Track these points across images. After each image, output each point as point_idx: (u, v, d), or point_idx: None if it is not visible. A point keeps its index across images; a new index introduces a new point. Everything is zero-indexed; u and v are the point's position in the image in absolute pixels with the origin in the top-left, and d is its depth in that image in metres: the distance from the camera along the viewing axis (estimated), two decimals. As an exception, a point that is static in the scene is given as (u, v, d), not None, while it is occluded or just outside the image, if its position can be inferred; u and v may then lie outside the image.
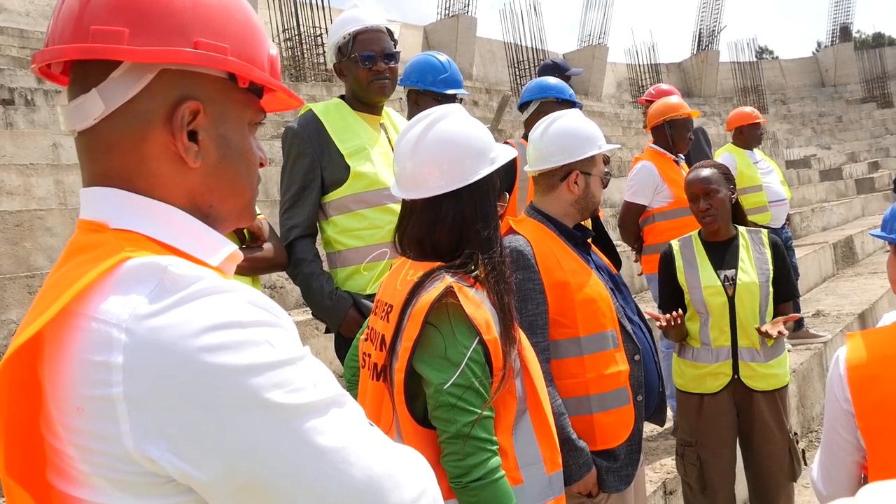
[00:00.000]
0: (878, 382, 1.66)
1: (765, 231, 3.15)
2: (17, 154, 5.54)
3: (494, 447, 1.64)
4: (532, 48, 19.77)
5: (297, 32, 14.85)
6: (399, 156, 1.82)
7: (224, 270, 0.90)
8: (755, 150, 5.87)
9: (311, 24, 14.99)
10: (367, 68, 2.60)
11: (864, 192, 14.93)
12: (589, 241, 2.42)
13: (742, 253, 3.05)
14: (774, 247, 3.08)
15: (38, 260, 4.17)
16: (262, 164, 0.98)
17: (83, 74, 0.87)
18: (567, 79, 4.08)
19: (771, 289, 3.01)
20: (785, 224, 5.78)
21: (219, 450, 0.74)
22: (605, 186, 2.40)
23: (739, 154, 5.71)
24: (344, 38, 2.63)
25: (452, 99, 2.97)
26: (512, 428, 1.72)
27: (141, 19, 0.84)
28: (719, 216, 3.04)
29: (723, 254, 3.07)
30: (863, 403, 1.67)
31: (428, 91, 2.99)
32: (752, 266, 3.02)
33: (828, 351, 5.58)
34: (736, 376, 2.98)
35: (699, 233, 3.16)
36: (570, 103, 3.60)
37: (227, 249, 0.92)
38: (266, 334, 0.78)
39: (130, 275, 0.78)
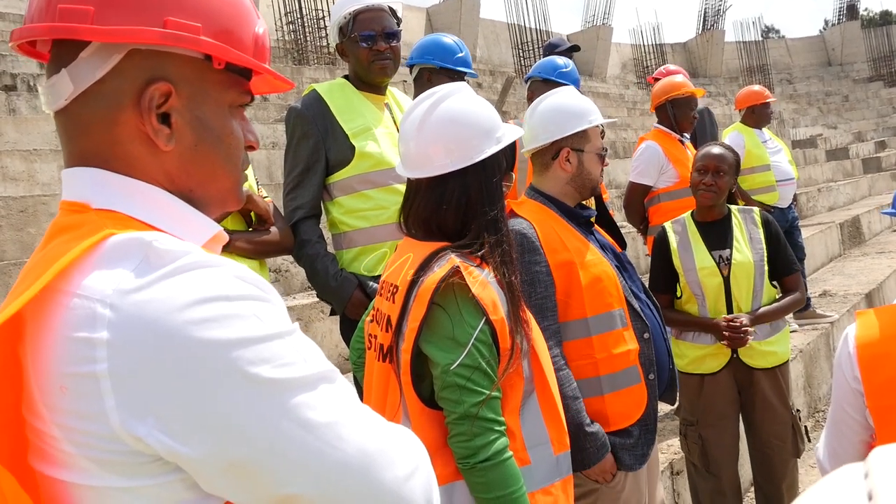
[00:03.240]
0: (888, 361, 1.63)
1: (756, 210, 3.13)
2: (21, 140, 5.53)
3: (502, 428, 1.63)
4: (536, 29, 19.64)
5: (299, 16, 14.80)
6: (404, 134, 1.80)
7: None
8: (764, 129, 5.82)
9: (313, 7, 14.93)
10: (367, 48, 2.56)
11: (871, 171, 14.82)
12: (592, 220, 2.39)
13: (736, 232, 3.04)
14: (766, 225, 3.06)
15: (42, 245, 4.17)
16: (252, 147, 0.95)
17: (57, 54, 0.86)
18: (570, 56, 4.06)
19: (766, 268, 3.00)
20: (792, 203, 5.74)
21: (206, 425, 0.73)
22: (604, 164, 2.36)
23: (748, 133, 5.66)
24: (345, 17, 2.60)
25: (463, 78, 2.94)
26: (519, 409, 1.71)
27: None
28: (716, 196, 3.03)
29: (716, 234, 3.05)
30: (872, 382, 1.64)
31: (444, 69, 2.95)
32: (746, 245, 3.01)
33: (835, 331, 5.56)
34: (735, 355, 2.98)
35: (692, 213, 3.14)
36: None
37: (211, 230, 0.90)
38: (253, 308, 0.77)
39: (114, 251, 0.77)
